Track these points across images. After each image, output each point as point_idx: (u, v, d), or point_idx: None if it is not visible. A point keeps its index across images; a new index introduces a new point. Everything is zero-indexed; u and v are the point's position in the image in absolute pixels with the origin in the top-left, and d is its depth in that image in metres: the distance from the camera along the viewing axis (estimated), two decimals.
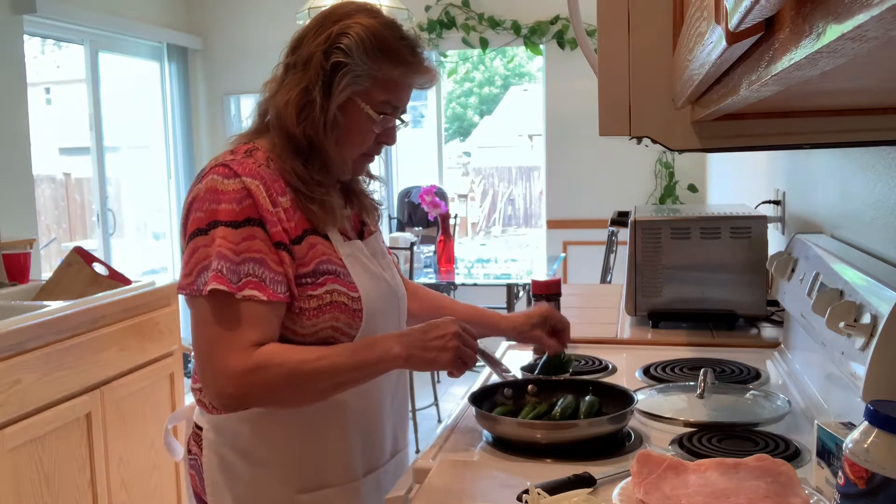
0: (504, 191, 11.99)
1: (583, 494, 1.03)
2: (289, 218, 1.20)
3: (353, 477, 1.29)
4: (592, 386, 1.43)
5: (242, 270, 1.15)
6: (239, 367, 1.14)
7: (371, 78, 1.22)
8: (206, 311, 1.17)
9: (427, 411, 4.44)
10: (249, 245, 1.16)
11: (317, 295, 1.21)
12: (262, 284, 1.15)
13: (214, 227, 1.16)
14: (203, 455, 1.29)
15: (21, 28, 3.96)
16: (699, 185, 5.02)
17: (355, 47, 1.20)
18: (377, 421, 1.33)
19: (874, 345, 1.01)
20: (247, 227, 1.16)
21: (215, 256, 1.15)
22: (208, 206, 1.17)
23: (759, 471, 1.00)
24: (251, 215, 1.16)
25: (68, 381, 2.33)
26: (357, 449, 1.30)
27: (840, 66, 0.44)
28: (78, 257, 2.78)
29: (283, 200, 1.20)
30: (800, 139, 1.07)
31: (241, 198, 1.17)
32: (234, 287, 1.14)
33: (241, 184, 1.17)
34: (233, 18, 5.60)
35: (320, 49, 1.22)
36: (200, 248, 1.16)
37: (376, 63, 1.22)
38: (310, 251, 1.21)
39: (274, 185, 1.20)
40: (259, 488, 1.26)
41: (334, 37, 1.22)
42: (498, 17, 5.19)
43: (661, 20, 1.19)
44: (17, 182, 3.86)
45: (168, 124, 5.44)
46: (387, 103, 1.25)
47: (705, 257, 1.98)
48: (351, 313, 1.23)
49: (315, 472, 1.27)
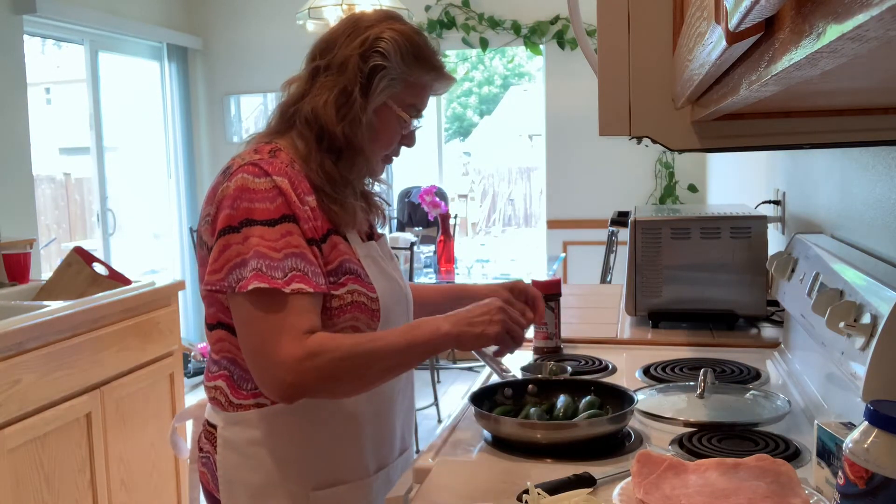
0: (504, 191, 11.99)
1: (583, 494, 1.03)
2: (315, 217, 1.23)
3: (365, 474, 1.32)
4: (593, 386, 1.43)
5: (287, 266, 1.17)
6: (295, 355, 1.15)
7: (403, 82, 1.28)
8: (251, 308, 1.18)
9: (427, 411, 4.45)
10: (289, 241, 1.18)
11: (339, 295, 1.24)
12: (306, 277, 1.18)
13: (249, 226, 1.18)
14: (217, 453, 1.30)
15: (21, 28, 3.96)
16: (699, 185, 5.02)
17: (393, 51, 1.25)
18: (388, 419, 1.37)
19: (874, 345, 1.01)
20: (284, 224, 1.19)
21: (253, 256, 1.16)
22: (240, 204, 1.19)
23: (759, 471, 1.00)
24: (286, 212, 1.19)
25: (68, 381, 2.33)
26: (369, 446, 1.33)
27: (840, 66, 0.44)
28: (78, 257, 2.78)
29: (309, 200, 1.23)
30: (800, 139, 1.07)
31: (273, 196, 1.19)
32: (281, 283, 1.16)
33: (272, 182, 1.20)
34: (233, 18, 5.60)
35: (357, 52, 1.26)
36: (233, 246, 1.18)
37: (410, 67, 1.27)
38: (333, 251, 1.25)
39: (300, 184, 1.23)
40: (274, 485, 1.28)
41: (371, 41, 1.26)
42: (498, 17, 5.19)
43: (661, 20, 1.19)
44: (17, 182, 3.86)
45: (168, 124, 5.44)
46: (413, 107, 1.31)
47: (705, 257, 1.98)
48: (370, 313, 1.27)
49: (329, 468, 1.29)
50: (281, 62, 5.67)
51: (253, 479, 1.28)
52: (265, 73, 5.52)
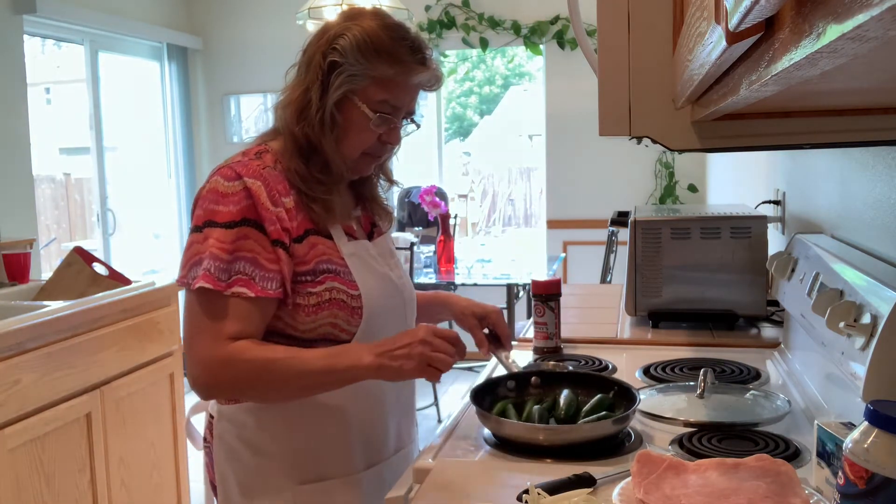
0: (504, 191, 11.99)
1: (583, 494, 1.03)
2: (291, 218, 1.25)
3: (353, 470, 1.33)
4: (597, 381, 1.42)
5: (234, 269, 1.21)
6: (211, 357, 1.21)
7: (368, 77, 1.26)
8: (194, 303, 1.23)
9: (427, 411, 4.45)
10: (243, 244, 1.21)
11: (316, 292, 1.25)
12: (251, 282, 1.21)
13: (210, 227, 1.22)
14: (213, 443, 1.36)
15: (21, 28, 3.96)
16: (699, 185, 5.02)
17: (350, 47, 1.25)
18: (379, 417, 1.37)
19: (874, 345, 1.01)
20: (242, 228, 1.22)
21: (207, 256, 1.21)
22: (208, 205, 1.23)
23: (759, 471, 1.00)
24: (248, 216, 1.22)
25: (68, 381, 2.33)
26: (358, 443, 1.34)
27: (840, 66, 0.44)
28: (78, 257, 2.78)
29: (286, 201, 1.25)
30: (800, 139, 1.07)
31: (239, 199, 1.22)
32: (223, 285, 1.20)
33: (243, 185, 1.23)
34: (233, 18, 5.60)
35: (320, 51, 1.27)
36: (194, 245, 1.23)
37: (371, 62, 1.25)
38: (311, 250, 1.26)
39: (277, 185, 1.25)
40: (262, 478, 1.31)
41: (332, 38, 1.27)
42: (498, 17, 5.19)
43: (661, 20, 1.19)
44: (17, 182, 3.86)
45: (168, 124, 5.44)
46: (385, 102, 1.28)
47: (705, 257, 1.98)
48: (350, 311, 1.28)
49: (316, 464, 1.31)
50: (281, 62, 5.64)
51: (242, 470, 1.32)
52: (265, 73, 5.52)
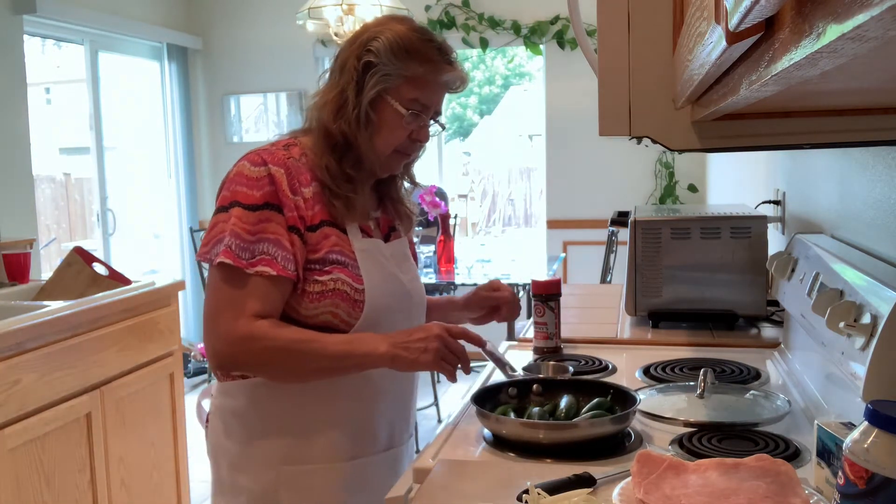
0: (504, 191, 11.99)
1: (583, 494, 1.03)
2: (307, 207, 1.31)
3: (336, 458, 1.36)
4: (597, 386, 1.43)
5: (257, 249, 1.27)
6: (237, 332, 1.26)
7: (400, 76, 1.33)
8: (217, 279, 1.29)
9: (427, 411, 4.45)
10: (266, 227, 1.28)
11: (322, 280, 1.30)
12: (273, 261, 1.27)
13: (234, 207, 1.28)
14: (211, 418, 1.42)
15: (21, 28, 3.96)
16: (699, 185, 5.02)
17: (383, 49, 1.32)
18: (370, 411, 1.39)
19: (874, 345, 1.01)
20: (264, 211, 1.28)
21: (229, 234, 1.27)
22: (234, 187, 1.30)
23: (759, 471, 1.00)
24: (270, 200, 1.28)
25: (68, 381, 2.33)
26: (345, 433, 1.37)
27: (840, 66, 0.44)
28: (78, 257, 2.78)
29: (305, 191, 1.32)
30: (800, 139, 1.07)
31: (263, 184, 1.29)
32: (245, 263, 1.26)
33: (267, 171, 1.29)
34: (233, 18, 5.59)
35: (354, 54, 1.35)
36: (219, 224, 1.29)
37: (403, 62, 1.32)
38: (323, 240, 1.32)
39: (299, 175, 1.32)
40: (250, 455, 1.36)
41: (365, 42, 1.34)
42: (498, 17, 5.19)
43: (661, 20, 1.19)
44: (17, 182, 3.86)
45: (168, 124, 5.44)
46: (416, 101, 1.35)
47: (705, 257, 1.98)
48: (352, 303, 1.32)
49: (301, 447, 1.35)
50: (281, 62, 5.68)
51: (233, 445, 1.37)
52: (265, 73, 5.52)
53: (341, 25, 3.90)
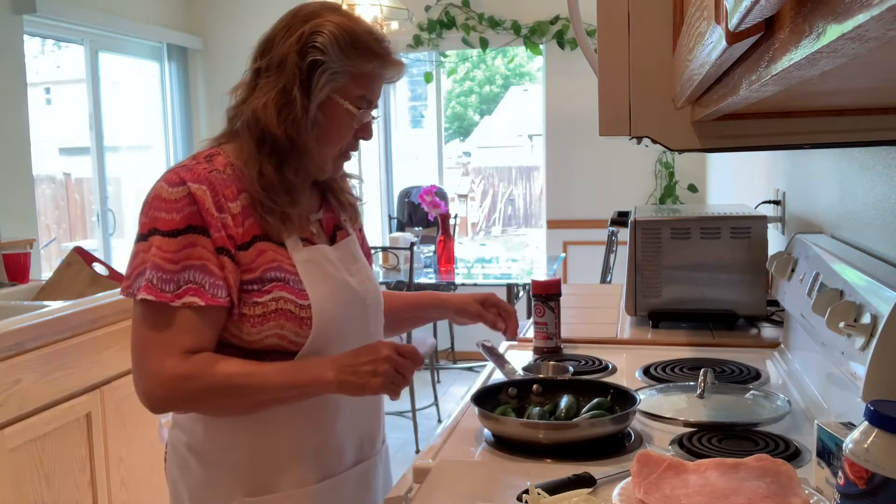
0: (504, 191, 11.99)
1: (583, 494, 1.03)
2: (237, 224, 1.20)
3: (303, 483, 1.28)
4: (603, 388, 1.43)
5: (182, 278, 1.16)
6: (168, 373, 1.16)
7: (347, 74, 1.23)
8: (139, 316, 1.19)
9: (427, 411, 4.44)
10: (190, 252, 1.17)
11: (262, 302, 1.20)
12: (201, 290, 1.16)
13: (153, 236, 1.18)
14: (168, 451, 1.34)
15: (21, 28, 3.96)
16: (699, 185, 5.02)
17: (330, 44, 1.21)
18: (332, 431, 1.31)
19: (874, 345, 1.01)
20: (188, 235, 1.17)
21: (150, 266, 1.17)
22: (152, 212, 1.19)
23: (759, 471, 1.00)
24: (193, 222, 1.17)
25: (68, 381, 2.33)
26: (309, 456, 1.28)
27: (840, 66, 0.44)
28: (78, 257, 2.78)
29: (232, 206, 1.20)
30: (800, 139, 1.07)
31: (182, 206, 1.17)
32: (170, 296, 1.16)
33: (187, 190, 1.18)
34: (233, 18, 5.60)
35: (294, 49, 1.22)
36: (139, 254, 1.19)
37: (351, 58, 1.22)
38: (258, 258, 1.21)
39: (224, 189, 1.20)
40: (210, 488, 1.27)
41: (307, 36, 1.22)
42: (498, 17, 5.19)
43: (661, 20, 1.19)
44: (17, 182, 3.86)
45: (168, 124, 5.44)
46: (362, 98, 1.26)
47: (705, 257, 1.98)
48: (298, 321, 1.22)
49: (264, 476, 1.26)
50: None
51: (191, 479, 1.29)
52: None
53: None
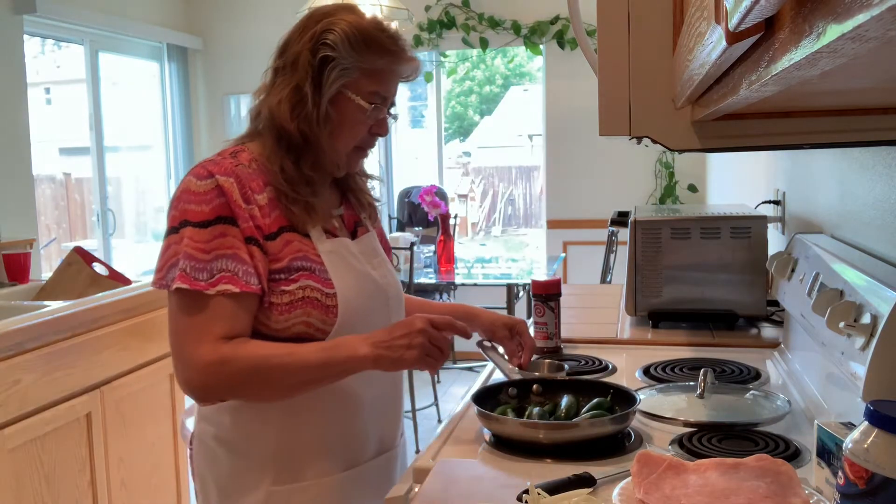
0: (504, 191, 11.99)
1: (583, 494, 1.03)
2: (264, 215, 1.24)
3: (328, 472, 1.31)
4: (598, 386, 1.43)
5: (215, 267, 1.20)
6: (206, 359, 1.19)
7: (358, 69, 1.27)
8: (175, 307, 1.23)
9: (427, 411, 4.44)
10: (221, 242, 1.20)
11: (289, 290, 1.24)
12: (235, 278, 1.20)
13: (184, 227, 1.21)
14: (194, 443, 1.37)
15: (21, 28, 3.96)
16: (699, 185, 5.02)
17: (340, 41, 1.25)
18: (355, 421, 1.34)
19: (874, 345, 1.01)
20: (218, 226, 1.21)
21: (182, 256, 1.20)
22: (181, 205, 1.23)
23: (759, 471, 1.00)
24: (222, 213, 1.21)
25: (68, 381, 2.33)
26: (333, 446, 1.32)
27: (840, 66, 0.44)
28: (78, 257, 2.78)
29: (258, 198, 1.24)
30: (800, 139, 1.07)
31: (211, 198, 1.21)
32: (204, 284, 1.19)
33: (215, 183, 1.22)
34: (233, 18, 5.60)
35: (307, 48, 1.26)
36: (172, 246, 1.22)
37: (361, 54, 1.26)
38: (285, 247, 1.25)
39: (251, 182, 1.24)
40: (237, 478, 1.31)
41: (319, 34, 1.26)
42: (498, 17, 5.19)
43: (661, 20, 1.19)
44: (17, 182, 3.86)
45: (168, 124, 5.44)
46: (375, 93, 1.29)
47: (705, 257, 1.98)
48: (324, 309, 1.25)
49: (290, 465, 1.30)
50: None
51: (219, 470, 1.32)
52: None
53: None
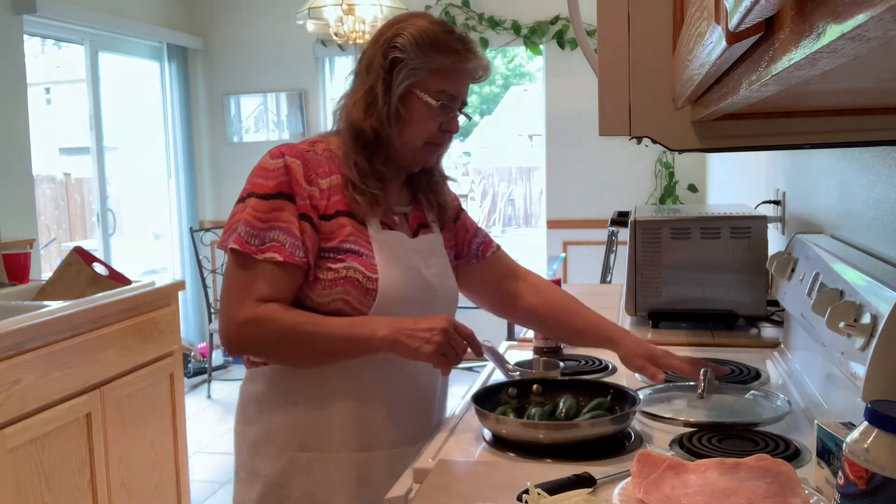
0: (504, 191, 11.99)
1: (583, 494, 1.03)
2: (323, 197, 1.36)
3: (347, 448, 1.38)
4: (597, 386, 1.43)
5: (267, 236, 1.32)
6: (242, 316, 1.31)
7: (426, 69, 1.37)
8: (229, 265, 1.36)
9: None
10: (278, 215, 1.33)
11: (334, 268, 1.34)
12: (282, 248, 1.31)
13: (250, 197, 1.35)
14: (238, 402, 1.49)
15: (21, 28, 3.96)
16: (699, 185, 5.02)
17: (409, 43, 1.36)
18: (380, 409, 1.40)
19: (874, 345, 1.01)
20: (277, 200, 1.33)
21: (242, 222, 1.33)
22: (253, 179, 1.36)
23: (759, 471, 1.00)
24: (283, 189, 1.33)
25: (68, 381, 2.33)
26: (357, 426, 1.38)
27: (840, 66, 0.44)
28: (78, 257, 2.78)
29: (322, 182, 1.36)
30: (800, 139, 1.07)
31: (278, 174, 1.34)
32: (254, 249, 1.31)
33: (284, 162, 1.35)
34: (233, 18, 5.59)
35: (379, 52, 1.39)
36: (237, 214, 1.36)
37: (428, 55, 1.36)
38: (338, 229, 1.36)
39: (318, 168, 1.37)
40: (268, 438, 1.40)
41: (390, 39, 1.38)
42: (498, 17, 5.19)
43: (661, 20, 1.19)
44: (17, 182, 3.86)
45: (168, 124, 5.44)
46: (443, 92, 1.38)
47: (705, 257, 1.98)
48: (363, 291, 1.34)
49: (316, 434, 1.38)
50: (281, 62, 5.67)
51: (253, 427, 1.42)
52: (265, 73, 5.52)
53: (341, 25, 3.90)
